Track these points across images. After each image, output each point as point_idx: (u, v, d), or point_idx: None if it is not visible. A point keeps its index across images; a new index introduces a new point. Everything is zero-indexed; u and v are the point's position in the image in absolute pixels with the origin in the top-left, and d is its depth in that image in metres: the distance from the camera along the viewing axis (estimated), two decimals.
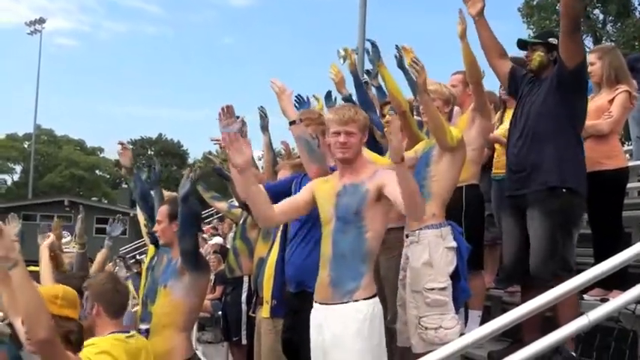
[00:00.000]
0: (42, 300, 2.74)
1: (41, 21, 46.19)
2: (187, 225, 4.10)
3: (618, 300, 2.56)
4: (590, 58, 4.80)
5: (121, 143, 5.50)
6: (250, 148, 3.31)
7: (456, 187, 4.12)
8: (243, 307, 5.43)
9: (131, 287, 8.02)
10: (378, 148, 4.73)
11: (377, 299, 3.32)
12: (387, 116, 4.81)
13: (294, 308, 3.87)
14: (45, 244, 5.25)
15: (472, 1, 4.27)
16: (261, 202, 3.45)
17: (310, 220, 3.78)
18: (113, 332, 3.43)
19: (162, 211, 4.46)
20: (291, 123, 3.77)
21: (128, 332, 3.59)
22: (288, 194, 3.85)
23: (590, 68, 4.77)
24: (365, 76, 5.79)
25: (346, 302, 3.24)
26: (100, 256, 6.59)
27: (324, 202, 3.47)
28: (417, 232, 3.92)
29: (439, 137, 3.91)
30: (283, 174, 4.53)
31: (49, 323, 2.69)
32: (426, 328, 3.75)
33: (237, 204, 5.47)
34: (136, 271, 11.38)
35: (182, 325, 4.11)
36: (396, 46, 4.84)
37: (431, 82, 4.17)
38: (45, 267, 4.84)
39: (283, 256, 4.09)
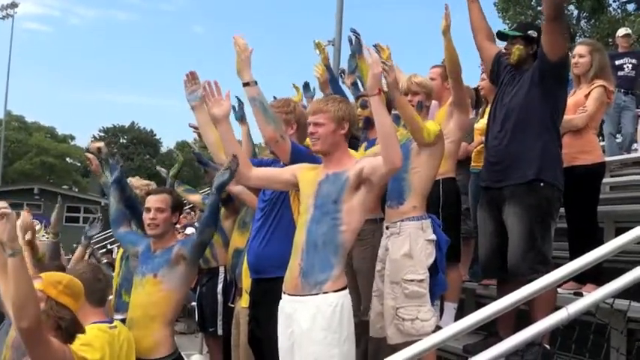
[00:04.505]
0: (33, 291, 2.76)
1: (13, 5, 45.17)
2: (214, 216, 4.03)
3: (598, 293, 2.58)
4: (580, 50, 4.83)
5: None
6: (229, 102, 3.60)
7: (434, 181, 4.12)
8: (220, 297, 5.40)
9: None
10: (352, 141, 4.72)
11: (347, 292, 3.28)
12: (359, 109, 4.83)
13: (255, 298, 3.89)
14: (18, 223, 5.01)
15: None
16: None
17: (269, 206, 3.80)
18: (96, 322, 3.38)
19: (164, 200, 4.17)
20: (245, 84, 3.65)
21: (111, 322, 3.55)
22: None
23: (578, 60, 4.81)
24: (340, 74, 5.79)
25: (315, 294, 3.21)
26: (76, 254, 6.49)
27: (305, 189, 3.44)
28: (398, 223, 3.94)
29: (416, 137, 3.90)
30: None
31: (35, 314, 2.72)
32: (403, 319, 3.77)
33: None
34: (106, 261, 11.21)
35: (169, 318, 3.98)
36: (356, 35, 4.87)
37: (412, 74, 4.24)
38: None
39: None
